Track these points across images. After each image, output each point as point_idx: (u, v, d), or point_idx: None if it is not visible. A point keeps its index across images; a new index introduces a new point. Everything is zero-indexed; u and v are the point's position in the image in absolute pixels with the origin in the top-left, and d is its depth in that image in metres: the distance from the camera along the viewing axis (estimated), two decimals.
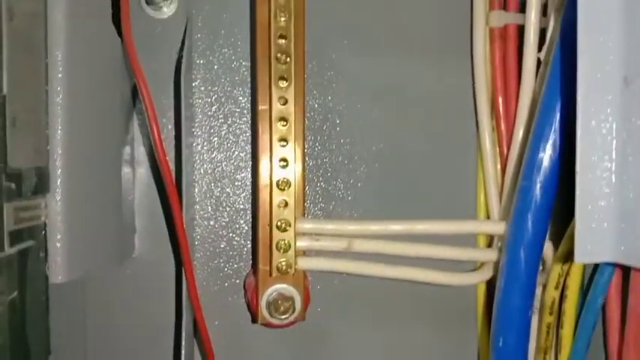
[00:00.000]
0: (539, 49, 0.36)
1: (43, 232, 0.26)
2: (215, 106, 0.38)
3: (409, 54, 0.39)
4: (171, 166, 0.35)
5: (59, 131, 0.25)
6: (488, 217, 0.39)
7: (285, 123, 0.33)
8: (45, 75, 0.25)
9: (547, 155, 0.30)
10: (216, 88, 0.38)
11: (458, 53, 0.39)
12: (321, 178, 0.38)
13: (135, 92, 0.37)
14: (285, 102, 0.33)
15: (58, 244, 0.26)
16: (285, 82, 0.33)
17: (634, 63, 0.23)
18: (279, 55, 0.33)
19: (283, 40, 0.33)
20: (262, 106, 0.33)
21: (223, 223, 0.38)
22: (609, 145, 0.22)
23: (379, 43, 0.39)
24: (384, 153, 0.39)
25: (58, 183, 0.26)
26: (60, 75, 0.25)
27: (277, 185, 0.33)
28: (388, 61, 0.39)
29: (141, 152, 0.37)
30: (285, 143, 0.33)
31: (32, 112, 0.24)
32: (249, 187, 0.38)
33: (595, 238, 0.24)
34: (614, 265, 0.27)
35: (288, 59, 0.33)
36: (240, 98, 0.38)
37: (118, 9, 0.34)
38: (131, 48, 0.31)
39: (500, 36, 0.38)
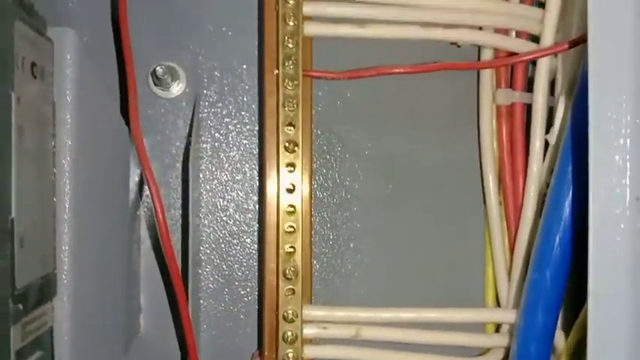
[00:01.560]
0: (547, 131, 0.36)
1: (51, 339, 0.26)
2: (221, 188, 0.38)
3: (417, 129, 0.39)
4: (176, 246, 0.35)
5: (67, 241, 0.25)
6: (496, 295, 0.38)
7: (292, 209, 0.33)
8: (53, 188, 0.25)
9: (557, 249, 0.29)
10: (223, 174, 0.38)
11: (466, 128, 0.39)
12: (328, 254, 0.38)
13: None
14: (293, 189, 0.33)
15: (66, 350, 0.26)
16: (292, 167, 0.33)
17: None
18: (287, 144, 0.33)
19: (291, 128, 0.33)
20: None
21: (229, 300, 0.38)
22: (622, 268, 0.22)
23: (387, 118, 0.39)
24: (391, 228, 0.39)
25: (65, 287, 0.26)
26: (67, 187, 0.25)
27: (284, 274, 0.32)
28: (396, 136, 0.39)
29: (144, 228, 0.37)
30: (292, 230, 0.32)
31: (39, 226, 0.24)
32: (256, 273, 0.37)
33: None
34: None
35: (297, 148, 0.33)
36: (247, 183, 0.38)
37: (126, 93, 0.34)
38: (139, 139, 0.31)
39: (507, 113, 0.38)
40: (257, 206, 0.38)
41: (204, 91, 0.37)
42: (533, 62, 0.36)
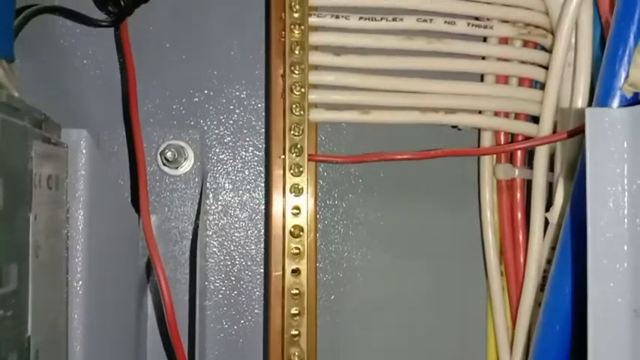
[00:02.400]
0: (547, 209, 0.37)
1: None
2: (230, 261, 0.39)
3: (419, 202, 0.40)
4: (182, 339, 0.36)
5: (78, 348, 0.26)
6: None
7: (297, 291, 0.34)
8: (65, 293, 0.25)
9: (556, 347, 0.30)
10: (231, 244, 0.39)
11: (468, 199, 0.40)
12: (332, 330, 0.39)
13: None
14: (298, 272, 0.34)
15: None
16: (298, 251, 0.34)
17: None
18: (292, 229, 0.33)
19: (297, 211, 0.34)
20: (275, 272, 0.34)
21: None
22: None
23: (391, 192, 0.40)
24: (395, 300, 0.39)
25: None
26: (80, 290, 0.26)
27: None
28: (399, 208, 0.40)
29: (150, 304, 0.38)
30: (297, 319, 0.33)
31: (53, 332, 0.25)
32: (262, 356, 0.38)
33: None
34: None
35: (302, 233, 0.33)
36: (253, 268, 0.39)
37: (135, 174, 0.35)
38: (148, 227, 0.32)
39: (507, 187, 0.39)
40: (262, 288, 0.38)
41: (213, 168, 0.38)
42: None
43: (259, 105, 0.38)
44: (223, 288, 0.38)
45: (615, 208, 0.23)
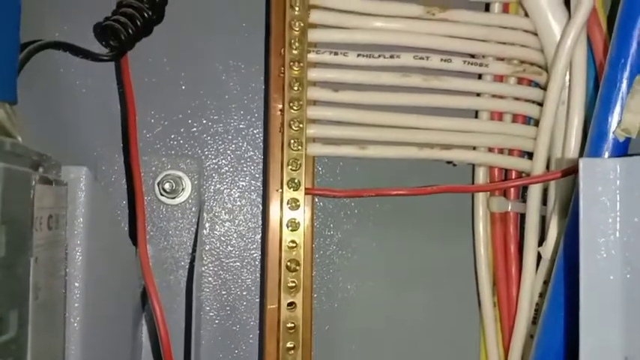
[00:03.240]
0: (540, 243, 0.37)
1: None
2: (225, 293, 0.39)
3: (414, 233, 0.40)
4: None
5: None
6: None
7: (293, 325, 0.34)
8: (62, 332, 0.26)
9: None
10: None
11: (461, 232, 0.40)
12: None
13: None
14: (294, 307, 0.34)
15: None
16: (293, 285, 0.34)
17: (635, 345, 0.24)
18: (289, 263, 0.34)
19: (294, 245, 0.34)
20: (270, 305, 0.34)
21: None
22: None
23: (386, 222, 0.40)
24: (389, 329, 0.40)
25: None
26: (77, 326, 0.26)
27: None
28: (394, 239, 0.40)
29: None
30: (292, 352, 0.33)
31: None
32: None
33: None
34: None
35: (298, 267, 0.34)
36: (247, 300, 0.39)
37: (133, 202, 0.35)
38: (145, 261, 0.32)
39: (501, 220, 0.39)
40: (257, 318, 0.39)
41: (210, 197, 0.39)
42: None
43: (258, 135, 0.39)
44: (218, 318, 0.38)
45: (607, 257, 0.24)
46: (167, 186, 0.36)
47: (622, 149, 0.30)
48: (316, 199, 0.38)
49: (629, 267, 0.24)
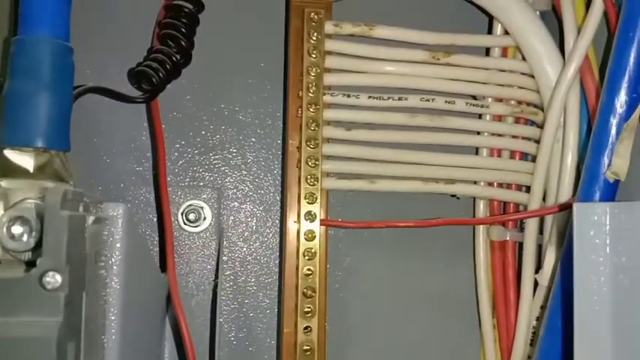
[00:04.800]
0: (537, 270, 0.40)
1: None
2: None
3: (419, 259, 0.43)
4: None
5: None
6: None
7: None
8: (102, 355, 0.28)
9: None
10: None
11: (463, 259, 0.43)
12: None
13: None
14: (310, 330, 0.36)
15: None
16: (310, 313, 0.37)
17: None
18: (305, 290, 0.36)
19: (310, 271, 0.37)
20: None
21: None
22: None
23: (393, 249, 0.43)
24: (394, 350, 0.42)
25: None
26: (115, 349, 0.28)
27: None
28: (401, 265, 0.43)
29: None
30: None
31: None
32: None
33: None
34: None
35: (314, 294, 0.36)
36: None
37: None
38: (174, 286, 0.35)
39: (500, 247, 0.42)
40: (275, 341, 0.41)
41: (230, 226, 0.41)
42: None
43: (273, 167, 0.42)
44: (236, 340, 0.41)
45: (599, 298, 0.26)
46: (192, 216, 0.39)
47: (612, 189, 0.33)
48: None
49: (620, 307, 0.26)
